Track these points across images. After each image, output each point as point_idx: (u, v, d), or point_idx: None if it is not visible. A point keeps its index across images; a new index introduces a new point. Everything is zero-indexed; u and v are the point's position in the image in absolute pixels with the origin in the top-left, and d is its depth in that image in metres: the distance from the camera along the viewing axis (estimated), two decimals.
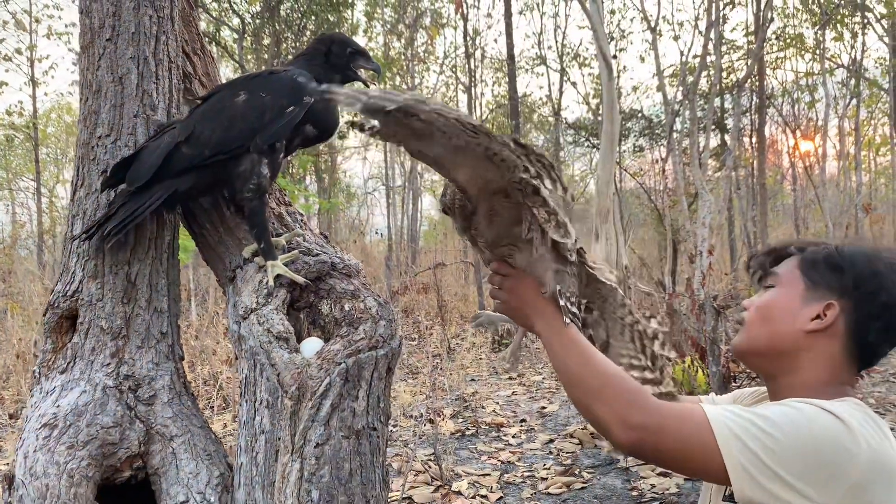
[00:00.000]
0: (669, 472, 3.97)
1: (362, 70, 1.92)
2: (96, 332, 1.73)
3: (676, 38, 14.07)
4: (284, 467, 1.58)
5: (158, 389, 1.75)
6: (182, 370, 1.84)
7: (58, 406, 1.63)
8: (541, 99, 17.58)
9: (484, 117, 14.92)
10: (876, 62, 16.33)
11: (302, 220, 2.05)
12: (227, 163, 1.76)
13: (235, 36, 11.47)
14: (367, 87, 1.92)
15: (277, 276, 1.79)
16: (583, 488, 4.19)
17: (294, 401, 1.60)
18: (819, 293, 1.33)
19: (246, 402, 1.70)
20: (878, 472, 1.20)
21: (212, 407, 6.07)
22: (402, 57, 15.54)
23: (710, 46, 10.66)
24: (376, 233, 16.99)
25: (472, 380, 7.44)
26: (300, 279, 1.81)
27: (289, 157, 1.99)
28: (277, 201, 2.02)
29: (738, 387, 5.03)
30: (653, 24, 11.58)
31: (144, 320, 1.78)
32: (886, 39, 14.54)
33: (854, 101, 15.59)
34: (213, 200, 1.93)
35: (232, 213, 1.93)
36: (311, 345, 1.74)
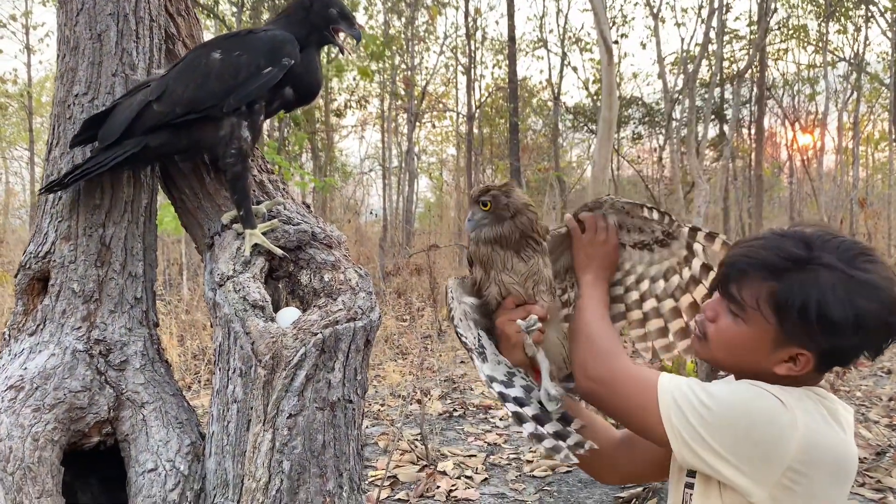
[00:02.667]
0: None
1: (342, 34, 1.83)
2: (68, 294, 1.69)
3: (679, 24, 13.89)
4: (256, 437, 1.55)
5: (130, 355, 1.71)
6: (156, 337, 1.80)
7: (25, 368, 1.59)
8: (540, 83, 17.47)
9: (483, 100, 14.81)
10: (878, 56, 16.26)
11: (284, 189, 2.01)
12: (205, 126, 1.71)
13: (234, 10, 11.34)
14: (343, 53, 1.85)
15: (255, 246, 1.75)
16: (568, 472, 4.19)
17: (268, 370, 1.57)
18: (790, 340, 1.25)
19: (220, 370, 1.66)
20: (818, 459, 1.19)
21: (200, 381, 6.05)
22: (402, 35, 15.39)
23: (712, 35, 10.59)
24: (371, 213, 16.93)
25: (462, 362, 7.45)
26: (277, 251, 1.77)
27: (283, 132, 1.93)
28: (259, 169, 1.97)
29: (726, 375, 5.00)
30: (655, 11, 11.48)
31: (118, 284, 1.74)
32: (889, 34, 14.46)
33: (854, 95, 15.52)
34: (194, 165, 1.89)
35: (212, 179, 1.89)
36: (289, 314, 1.70)
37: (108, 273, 1.73)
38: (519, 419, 1.44)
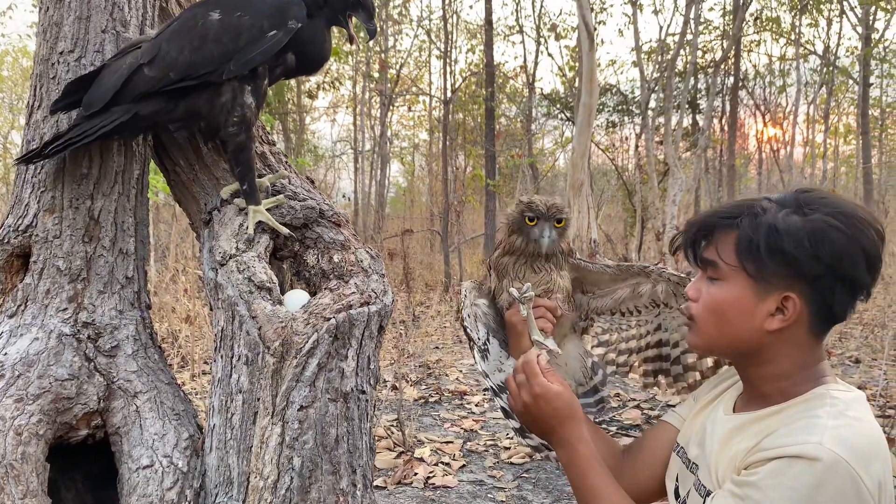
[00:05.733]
0: (632, 438, 3.95)
1: (353, 22, 1.65)
2: (52, 272, 1.53)
3: (657, 12, 13.87)
4: (263, 431, 1.42)
5: (122, 340, 1.56)
6: (149, 319, 1.65)
7: (5, 354, 1.43)
8: (514, 70, 17.37)
9: (457, 85, 14.64)
10: (847, 51, 16.48)
11: (286, 162, 1.86)
12: (203, 92, 1.55)
13: None
14: (352, 43, 1.69)
15: (258, 223, 1.61)
16: (545, 457, 4.12)
17: (277, 358, 1.43)
18: (770, 284, 1.22)
19: (221, 357, 1.52)
20: (873, 463, 1.13)
21: (170, 365, 5.86)
22: (377, 19, 15.09)
23: (690, 24, 10.58)
24: (343, 196, 16.70)
25: (437, 347, 7.37)
26: (283, 229, 1.63)
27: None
28: (260, 140, 1.82)
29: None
30: None
31: (108, 262, 1.58)
32: (859, 29, 14.64)
33: (824, 89, 15.72)
34: (189, 135, 1.73)
35: (210, 150, 1.73)
36: (296, 297, 1.57)
37: (97, 249, 1.57)
38: (506, 414, 1.52)
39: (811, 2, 13.85)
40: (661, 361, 1.71)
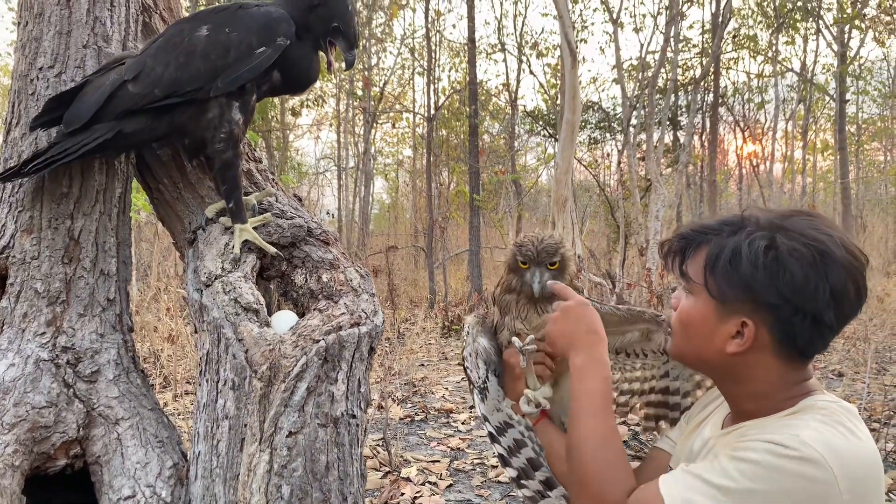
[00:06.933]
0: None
1: (334, 50, 1.61)
2: (30, 295, 1.47)
3: (637, 30, 14.01)
4: (251, 458, 1.37)
5: (102, 364, 1.50)
6: (131, 343, 1.59)
7: None
8: (496, 87, 17.45)
9: (441, 102, 14.67)
10: (824, 68, 16.75)
11: (273, 180, 1.82)
12: (189, 108, 1.51)
13: None
14: (329, 69, 1.65)
15: (244, 242, 1.56)
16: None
17: (264, 382, 1.38)
18: (731, 307, 1.19)
19: (207, 381, 1.47)
20: (863, 480, 1.10)
21: (152, 385, 5.75)
22: (361, 37, 15.12)
23: (671, 41, 10.69)
24: (327, 213, 16.61)
25: (422, 365, 7.31)
26: (270, 248, 1.58)
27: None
28: (246, 157, 1.78)
29: None
30: (615, 16, 11.52)
31: (88, 284, 1.53)
32: (835, 46, 14.89)
33: (801, 105, 15.95)
34: (173, 151, 1.69)
35: (194, 167, 1.69)
36: (284, 319, 1.53)
37: (77, 271, 1.52)
38: (504, 461, 1.48)
39: (787, 20, 14.06)
40: (666, 409, 1.66)
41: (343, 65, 1.69)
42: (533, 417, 1.55)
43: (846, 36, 14.47)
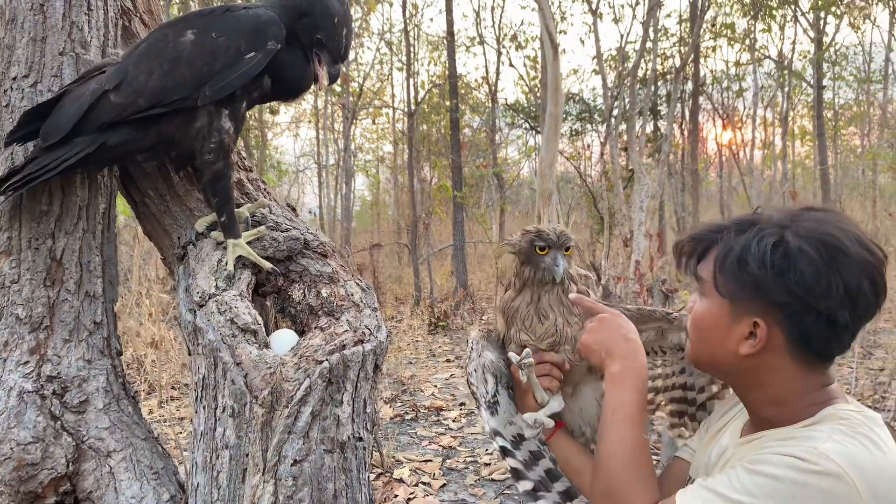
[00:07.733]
0: None
1: (318, 62, 1.51)
2: (10, 322, 1.38)
3: (617, 20, 13.98)
4: (255, 490, 1.29)
5: (91, 393, 1.41)
6: (120, 368, 1.51)
7: None
8: (476, 81, 17.39)
9: (420, 96, 14.56)
10: (800, 55, 16.84)
11: (265, 190, 1.73)
12: (176, 118, 1.42)
13: None
14: (316, 82, 1.54)
15: (238, 258, 1.48)
16: None
17: (266, 408, 1.30)
18: (743, 307, 1.16)
19: (204, 409, 1.39)
20: (887, 493, 1.05)
21: (137, 392, 5.63)
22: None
23: (651, 31, 10.67)
24: (309, 212, 16.47)
25: (410, 363, 7.25)
26: (266, 264, 1.50)
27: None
28: (237, 166, 1.69)
29: None
30: (594, 7, 11.47)
31: (73, 307, 1.43)
32: (811, 33, 14.97)
33: (780, 93, 16.05)
34: (159, 164, 1.59)
35: (182, 179, 1.60)
36: (283, 338, 1.45)
37: (61, 294, 1.42)
38: (518, 475, 1.44)
39: (763, 8, 14.11)
40: (686, 405, 1.63)
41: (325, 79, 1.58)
42: (547, 432, 1.50)
43: (822, 22, 14.55)
